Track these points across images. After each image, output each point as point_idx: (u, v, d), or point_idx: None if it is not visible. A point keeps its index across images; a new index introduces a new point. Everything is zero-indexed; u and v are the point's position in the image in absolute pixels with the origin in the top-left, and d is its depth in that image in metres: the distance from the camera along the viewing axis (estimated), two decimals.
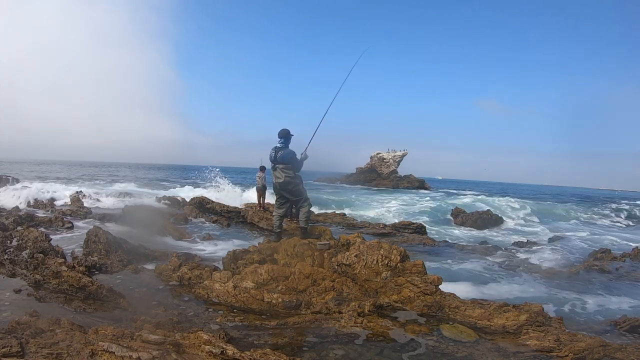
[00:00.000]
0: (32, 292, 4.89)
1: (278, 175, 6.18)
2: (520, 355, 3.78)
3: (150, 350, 2.84)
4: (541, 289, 7.38)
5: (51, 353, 2.77)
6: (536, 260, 10.01)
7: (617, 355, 3.76)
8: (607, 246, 13.00)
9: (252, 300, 4.92)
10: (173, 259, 6.34)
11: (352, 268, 5.43)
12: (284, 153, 6.11)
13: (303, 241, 5.96)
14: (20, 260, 5.80)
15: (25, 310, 3.88)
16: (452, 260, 9.49)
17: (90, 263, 6.10)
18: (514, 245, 12.82)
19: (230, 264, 5.94)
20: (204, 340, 3.26)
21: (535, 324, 4.37)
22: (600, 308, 6.32)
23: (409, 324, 4.42)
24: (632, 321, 4.91)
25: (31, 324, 3.34)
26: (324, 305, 4.77)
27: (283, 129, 6.20)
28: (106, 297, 4.81)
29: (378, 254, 5.48)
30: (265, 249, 6.08)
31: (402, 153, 53.62)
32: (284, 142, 6.17)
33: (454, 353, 3.78)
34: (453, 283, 7.09)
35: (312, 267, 5.41)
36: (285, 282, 5.14)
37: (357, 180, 51.99)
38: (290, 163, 6.11)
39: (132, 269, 6.33)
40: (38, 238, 6.74)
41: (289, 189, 6.21)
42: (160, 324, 3.89)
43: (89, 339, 3.08)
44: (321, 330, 4.13)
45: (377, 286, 5.17)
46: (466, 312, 4.67)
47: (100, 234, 7.08)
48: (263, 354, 3.19)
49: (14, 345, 2.79)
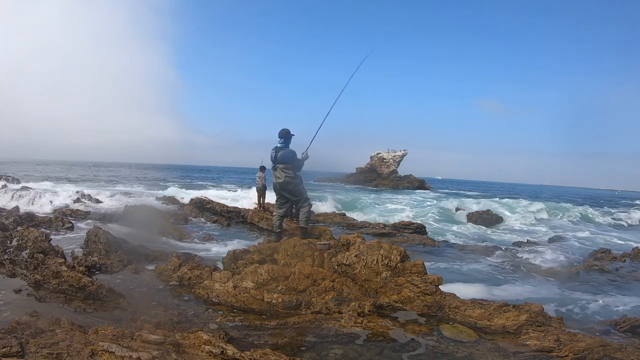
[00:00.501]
0: (32, 292, 4.89)
1: (278, 175, 6.17)
2: (520, 355, 3.79)
3: (150, 350, 2.84)
4: (541, 289, 7.38)
5: (51, 353, 2.77)
6: (536, 260, 10.01)
7: (617, 355, 3.77)
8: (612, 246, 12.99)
9: (252, 300, 4.92)
10: (173, 259, 6.34)
11: (352, 268, 5.43)
12: (284, 153, 6.11)
13: (303, 241, 5.96)
14: (20, 260, 5.80)
15: (25, 310, 3.88)
16: (453, 261, 9.49)
17: (90, 263, 6.10)
18: (514, 245, 12.83)
19: (230, 264, 5.94)
20: (204, 340, 3.26)
21: (535, 324, 4.37)
22: (600, 308, 6.31)
23: (409, 324, 4.42)
24: (632, 321, 4.91)
25: (31, 324, 3.34)
26: (324, 305, 4.77)
27: (283, 129, 6.20)
28: (106, 297, 4.81)
29: (378, 254, 5.48)
30: (265, 249, 6.08)
31: (402, 153, 53.61)
32: (284, 142, 6.17)
33: (454, 353, 3.78)
34: (453, 283, 7.09)
35: (312, 267, 5.41)
36: (285, 282, 5.14)
37: (357, 180, 51.96)
38: (290, 163, 6.11)
39: (132, 269, 6.33)
40: (38, 238, 6.73)
41: (289, 189, 6.20)
42: (160, 324, 3.89)
43: (89, 339, 3.08)
44: (321, 330, 4.13)
45: (377, 286, 5.17)
46: (466, 312, 4.67)
47: (100, 234, 7.08)
48: (263, 354, 3.19)
49: (14, 345, 2.79)
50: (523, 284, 7.67)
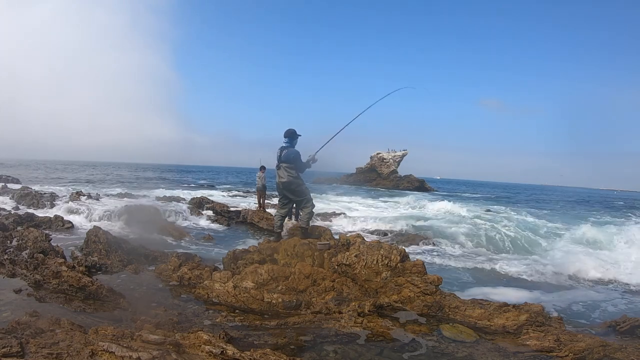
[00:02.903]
0: (32, 292, 4.89)
1: (281, 175, 6.15)
2: (520, 355, 3.79)
3: (150, 350, 2.84)
4: (541, 289, 7.39)
5: (51, 353, 2.77)
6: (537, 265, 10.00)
7: (617, 355, 3.77)
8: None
9: (252, 300, 4.92)
10: (173, 259, 6.33)
11: (352, 268, 5.43)
12: (287, 152, 6.09)
13: (303, 241, 5.95)
14: (20, 260, 5.80)
15: (25, 310, 3.88)
16: (453, 261, 9.49)
17: (90, 263, 6.10)
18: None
19: (230, 264, 5.94)
20: (204, 340, 3.26)
21: (535, 324, 4.37)
22: (600, 308, 6.32)
23: (409, 324, 4.42)
24: (632, 321, 4.91)
25: (31, 324, 3.33)
26: (324, 305, 4.76)
27: (289, 129, 6.18)
28: (106, 297, 4.81)
29: (378, 254, 5.47)
30: (265, 249, 6.07)
31: (402, 153, 53.58)
32: (289, 142, 6.14)
33: (454, 353, 3.78)
34: (453, 284, 7.08)
35: (312, 267, 5.41)
36: (285, 282, 5.14)
37: (357, 180, 51.90)
38: (294, 162, 6.08)
39: (132, 269, 6.32)
40: (38, 238, 6.73)
41: (292, 188, 6.18)
42: (160, 324, 3.89)
43: (89, 339, 3.08)
44: (321, 330, 4.13)
45: (377, 286, 5.16)
46: (466, 312, 4.67)
47: (100, 234, 7.08)
48: (263, 354, 3.19)
49: (14, 345, 2.79)
50: (523, 284, 7.67)
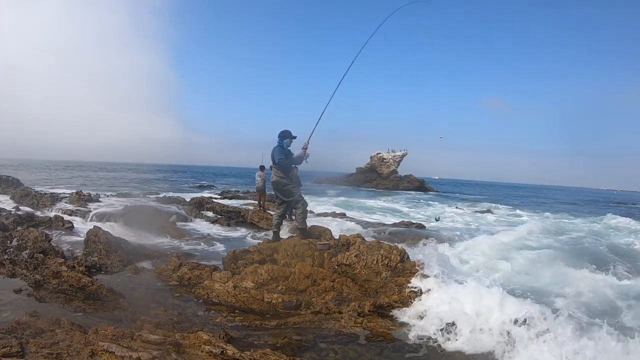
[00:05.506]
0: (32, 292, 4.89)
1: (272, 175, 6.17)
2: None
3: (150, 350, 2.84)
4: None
5: (51, 353, 2.77)
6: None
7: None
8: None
9: (252, 300, 4.92)
10: (173, 259, 6.34)
11: (352, 268, 5.43)
12: (272, 151, 6.12)
13: (303, 241, 5.95)
14: (20, 260, 5.80)
15: (25, 310, 3.88)
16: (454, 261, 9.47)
17: (90, 263, 6.10)
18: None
19: (230, 264, 5.94)
20: (204, 340, 3.27)
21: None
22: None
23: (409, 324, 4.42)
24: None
25: (31, 324, 3.33)
26: (324, 305, 4.76)
27: (282, 130, 6.19)
28: (106, 297, 4.81)
29: (378, 254, 5.47)
30: (265, 249, 6.08)
31: (402, 153, 53.56)
32: (279, 142, 6.16)
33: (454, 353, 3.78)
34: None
35: (312, 267, 5.41)
36: (285, 282, 5.14)
37: (357, 180, 51.88)
38: (277, 161, 6.05)
39: (132, 269, 6.32)
40: (38, 238, 6.73)
41: (279, 188, 6.17)
42: (160, 324, 3.89)
43: (89, 339, 3.08)
44: (321, 330, 4.13)
45: (377, 286, 5.16)
46: None
47: (100, 234, 7.08)
48: (263, 354, 3.19)
49: (14, 345, 2.79)
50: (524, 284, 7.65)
